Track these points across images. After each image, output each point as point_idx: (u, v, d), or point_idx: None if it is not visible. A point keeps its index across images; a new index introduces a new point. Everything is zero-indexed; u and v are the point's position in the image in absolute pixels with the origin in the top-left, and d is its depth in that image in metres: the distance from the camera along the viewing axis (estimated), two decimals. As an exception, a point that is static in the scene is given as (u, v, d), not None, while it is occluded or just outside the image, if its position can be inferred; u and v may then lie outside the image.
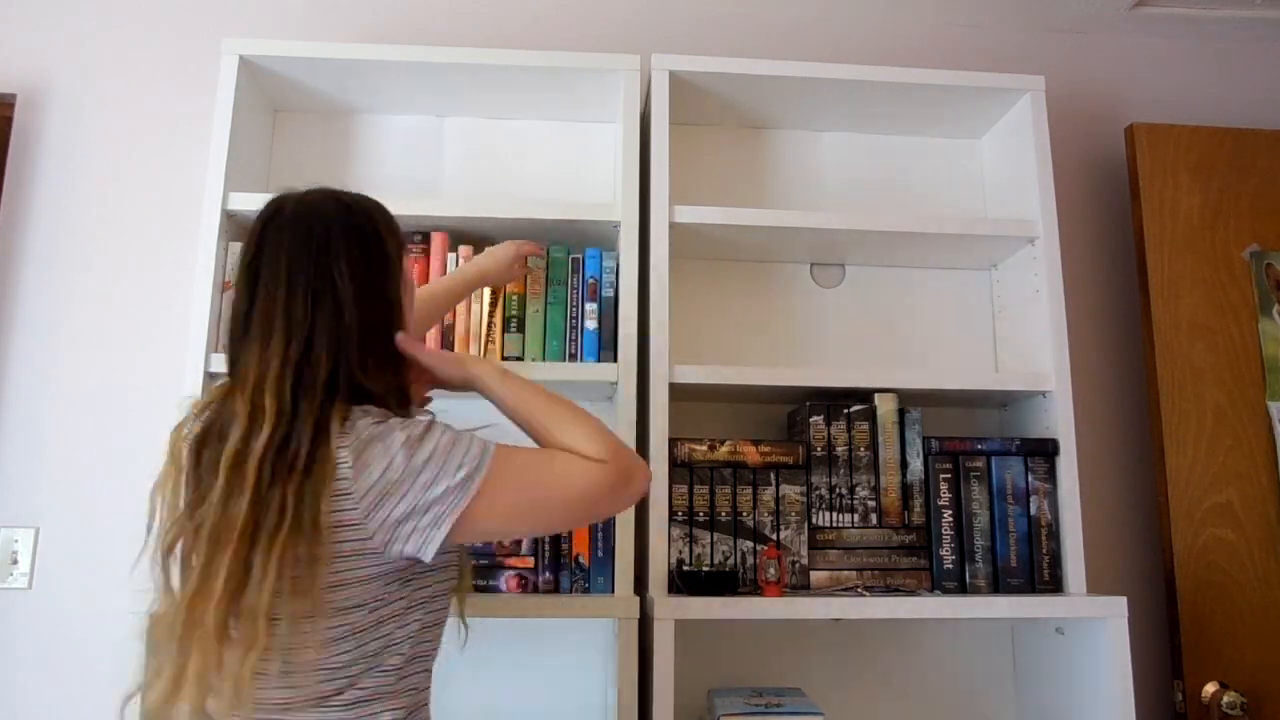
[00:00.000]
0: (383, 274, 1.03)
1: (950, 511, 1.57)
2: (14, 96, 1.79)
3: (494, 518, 0.95)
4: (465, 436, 0.96)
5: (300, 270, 0.98)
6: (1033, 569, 1.55)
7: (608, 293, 1.60)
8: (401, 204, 1.59)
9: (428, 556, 0.92)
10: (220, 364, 1.49)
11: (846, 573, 1.55)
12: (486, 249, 1.53)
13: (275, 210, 1.03)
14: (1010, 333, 1.78)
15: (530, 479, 0.97)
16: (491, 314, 1.58)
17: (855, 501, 1.57)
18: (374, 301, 1.00)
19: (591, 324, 1.58)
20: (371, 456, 0.91)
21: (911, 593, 1.53)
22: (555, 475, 0.98)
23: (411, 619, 0.97)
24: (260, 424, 0.91)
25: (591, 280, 1.59)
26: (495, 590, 1.48)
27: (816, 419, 1.59)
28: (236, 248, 1.57)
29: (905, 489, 1.58)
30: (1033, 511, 1.57)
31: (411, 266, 1.16)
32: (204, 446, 0.97)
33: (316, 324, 0.96)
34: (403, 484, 0.91)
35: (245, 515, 0.87)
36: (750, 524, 1.55)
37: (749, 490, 1.55)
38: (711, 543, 1.54)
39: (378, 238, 1.05)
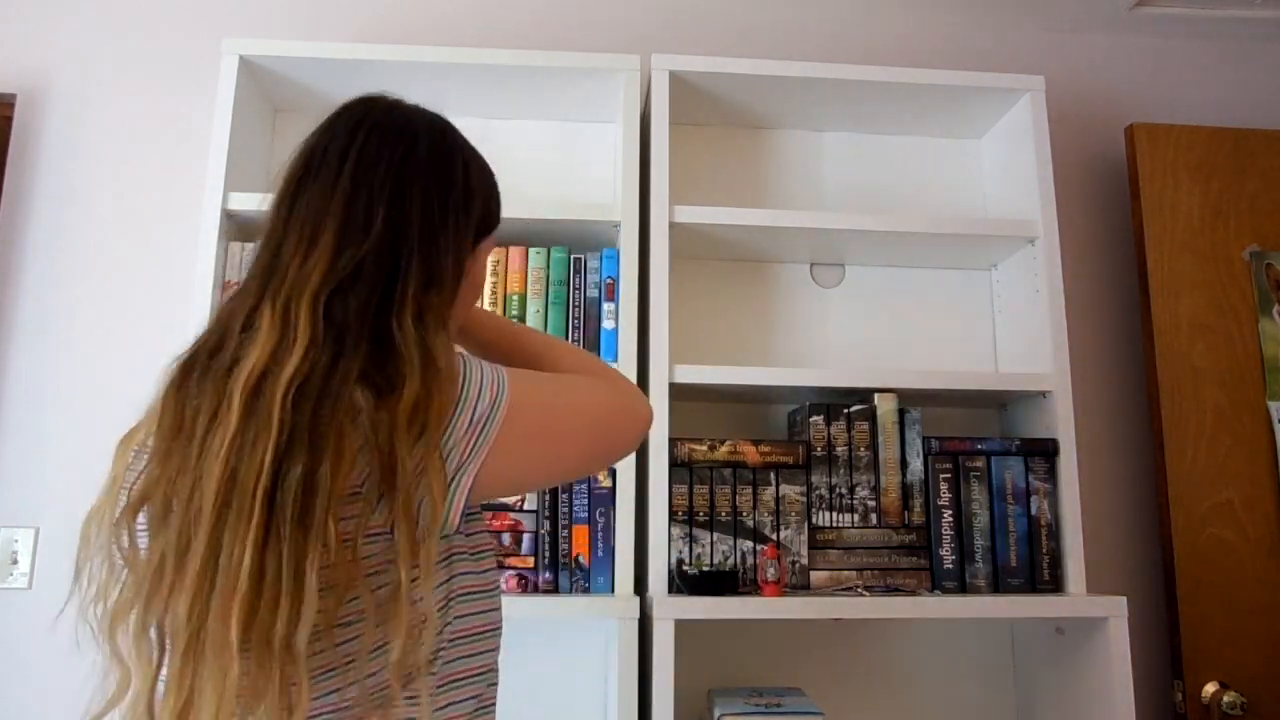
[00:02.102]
0: (454, 229, 0.85)
1: (950, 511, 1.57)
2: (14, 96, 1.79)
3: (514, 459, 0.78)
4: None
5: (373, 171, 0.82)
6: (1033, 569, 1.55)
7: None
8: (401, 204, 1.60)
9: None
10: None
11: (846, 573, 1.55)
12: None
13: (364, 103, 0.90)
14: (1010, 333, 1.78)
15: (547, 399, 0.82)
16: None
17: (855, 501, 1.57)
18: (437, 252, 0.82)
19: (609, 324, 1.58)
20: None
21: (911, 593, 1.53)
22: (571, 393, 0.85)
23: None
24: (289, 347, 0.72)
25: (609, 280, 1.59)
26: (495, 590, 1.47)
27: (816, 419, 1.59)
28: (236, 248, 1.58)
29: (905, 489, 1.58)
30: (1033, 511, 1.57)
31: (484, 269, 0.99)
32: (192, 368, 0.78)
33: (375, 241, 0.78)
34: None
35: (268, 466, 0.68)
36: (750, 524, 1.55)
37: (749, 490, 1.55)
38: (711, 543, 1.54)
39: (468, 189, 0.88)
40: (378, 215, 0.79)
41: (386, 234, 0.79)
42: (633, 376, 1.54)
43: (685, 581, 1.46)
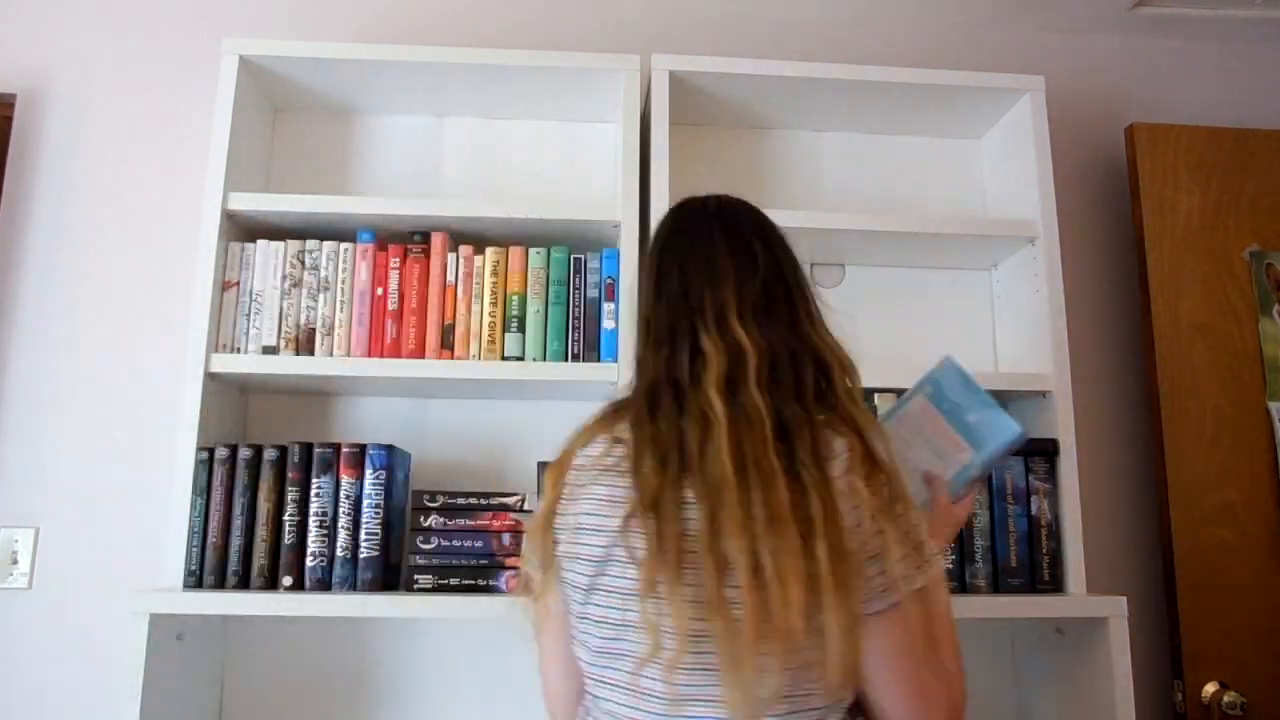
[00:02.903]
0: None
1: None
2: (14, 96, 1.79)
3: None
4: None
5: (743, 240, 0.99)
6: (1033, 569, 1.55)
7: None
8: (401, 204, 1.60)
9: None
10: (219, 364, 1.50)
11: (846, 573, 1.54)
12: None
13: (696, 201, 1.06)
14: (1010, 333, 1.77)
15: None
16: (492, 314, 1.58)
17: (855, 501, 1.57)
18: (801, 274, 1.01)
19: (610, 324, 1.58)
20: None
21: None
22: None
23: None
24: (739, 355, 0.90)
25: (609, 280, 1.59)
26: (495, 590, 1.48)
27: (816, 419, 1.59)
28: (237, 247, 1.58)
29: (905, 489, 1.58)
30: (1033, 511, 1.57)
31: None
32: (657, 401, 0.92)
33: (765, 271, 0.97)
34: None
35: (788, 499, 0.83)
36: (750, 524, 1.54)
37: (749, 490, 1.55)
38: (711, 543, 1.53)
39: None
40: (759, 253, 0.98)
41: (772, 266, 0.98)
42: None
43: (685, 581, 1.46)
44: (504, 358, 1.57)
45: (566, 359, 1.57)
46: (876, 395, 1.59)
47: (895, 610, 0.86)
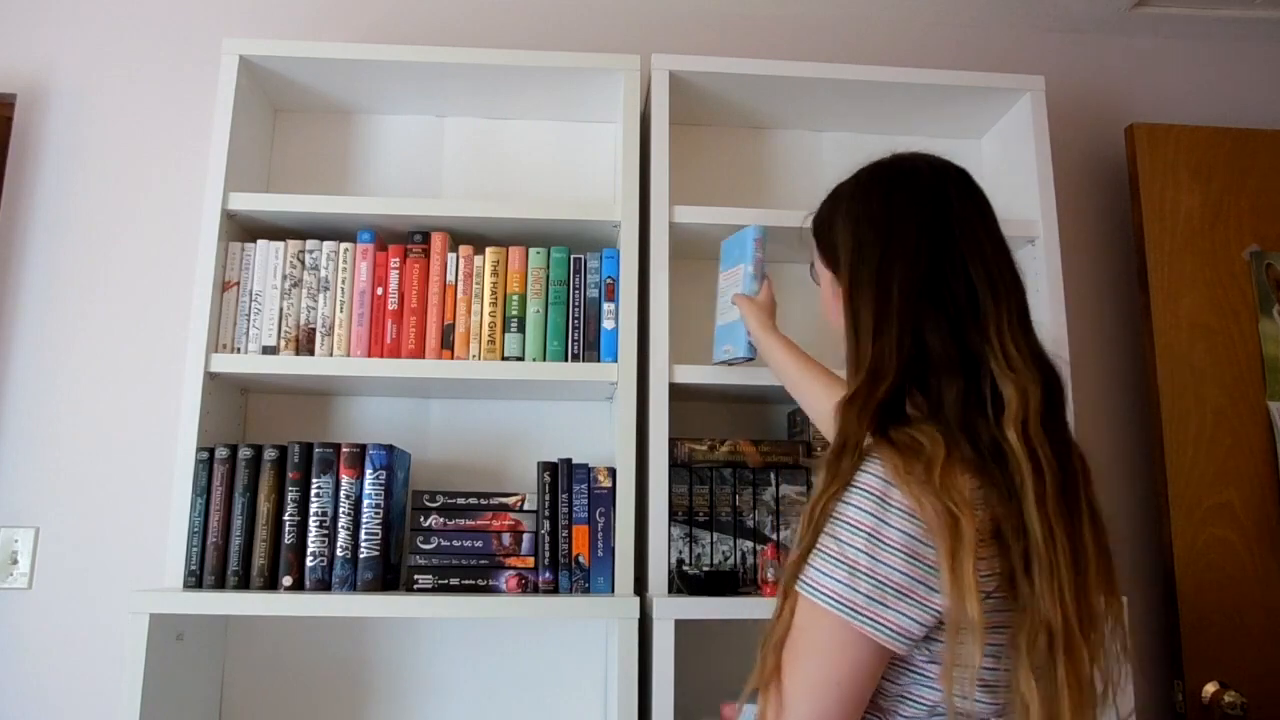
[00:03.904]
0: None
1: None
2: (14, 96, 1.79)
3: None
4: None
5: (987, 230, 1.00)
6: (1033, 569, 1.55)
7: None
8: (401, 204, 1.60)
9: None
10: (219, 364, 1.50)
11: (846, 573, 1.54)
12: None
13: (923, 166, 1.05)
14: (1010, 333, 1.77)
15: None
16: (492, 314, 1.58)
17: (855, 501, 1.57)
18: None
19: (610, 324, 1.58)
20: None
21: (911, 593, 1.52)
22: None
23: None
24: (1030, 374, 0.87)
25: (609, 280, 1.59)
26: (495, 590, 1.48)
27: (816, 419, 1.59)
28: (237, 247, 1.58)
29: (905, 489, 1.58)
30: (1033, 511, 1.57)
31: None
32: (971, 421, 0.84)
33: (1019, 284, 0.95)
34: None
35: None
36: (750, 524, 1.55)
37: (749, 490, 1.55)
38: (711, 543, 1.54)
39: None
40: (1012, 263, 0.96)
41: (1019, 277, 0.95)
42: (633, 376, 1.54)
43: (685, 581, 1.46)
44: (504, 358, 1.57)
45: (566, 359, 1.57)
46: (876, 395, 1.59)
47: None
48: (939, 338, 0.87)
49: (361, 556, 1.46)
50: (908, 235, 0.95)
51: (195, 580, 1.44)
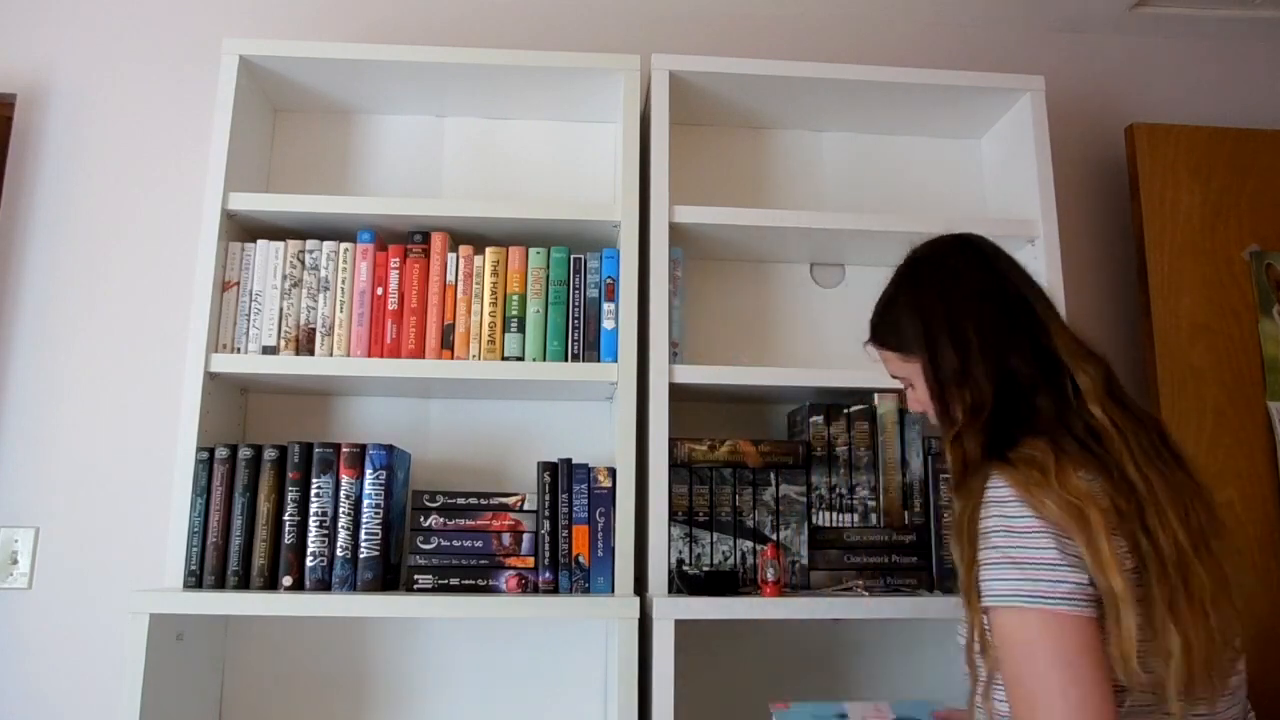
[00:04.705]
0: None
1: (951, 512, 1.57)
2: (14, 96, 1.79)
3: None
4: None
5: None
6: (1033, 569, 1.55)
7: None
8: (401, 204, 1.60)
9: None
10: (219, 364, 1.50)
11: (846, 573, 1.55)
12: None
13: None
14: (1010, 333, 1.77)
15: None
16: (492, 314, 1.58)
17: (855, 501, 1.57)
18: None
19: (610, 324, 1.58)
20: None
21: (912, 592, 1.53)
22: None
23: None
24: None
25: (609, 280, 1.59)
26: (495, 590, 1.48)
27: (816, 419, 1.59)
28: (237, 247, 1.58)
29: (905, 489, 1.58)
30: (1033, 511, 1.57)
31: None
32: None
33: None
34: None
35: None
36: (750, 524, 1.55)
37: (749, 490, 1.55)
38: (711, 543, 1.54)
39: None
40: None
41: None
42: (633, 376, 1.54)
43: (685, 581, 1.46)
44: (504, 358, 1.57)
45: (566, 359, 1.57)
46: (877, 395, 1.59)
47: None
48: (1020, 358, 1.00)
49: (361, 556, 1.46)
50: (961, 290, 1.07)
51: (195, 580, 1.44)
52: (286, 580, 1.44)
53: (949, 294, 1.08)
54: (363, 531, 1.47)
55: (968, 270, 1.09)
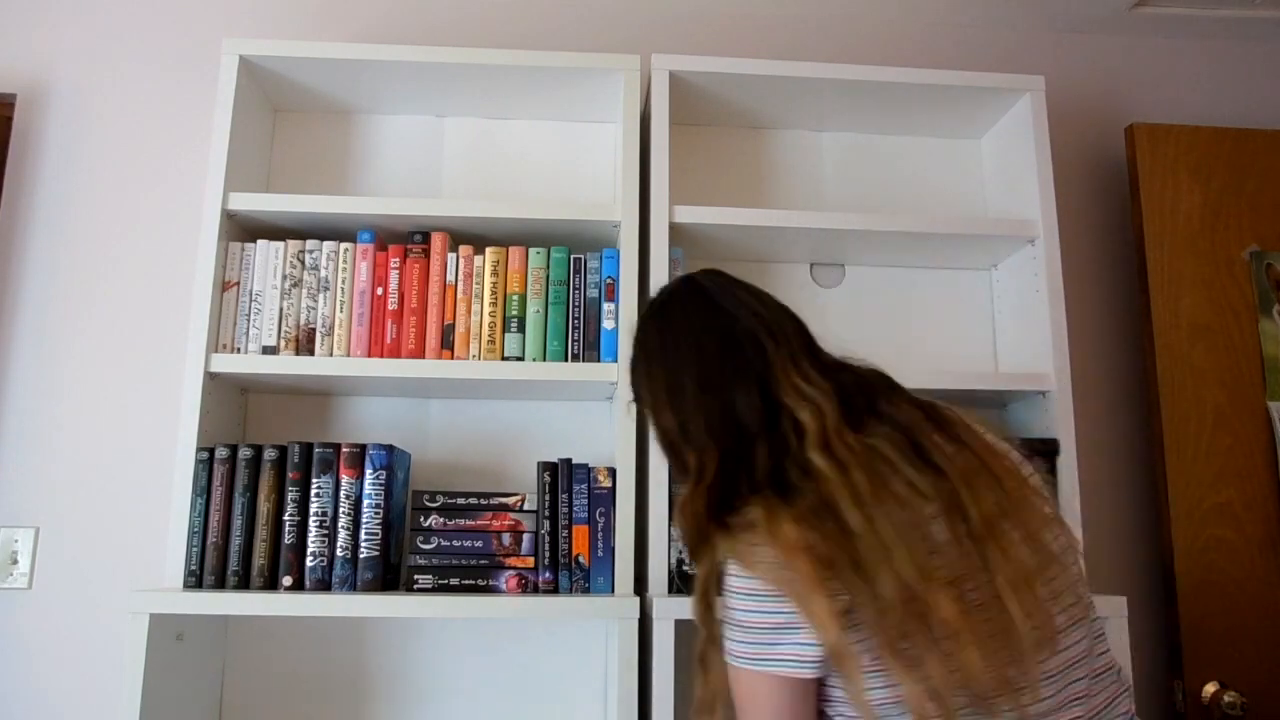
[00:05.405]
0: None
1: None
2: (14, 96, 1.79)
3: None
4: None
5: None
6: (1033, 569, 1.55)
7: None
8: (401, 204, 1.60)
9: None
10: (219, 364, 1.51)
11: (846, 573, 1.54)
12: None
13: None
14: (1010, 333, 1.77)
15: None
16: (492, 314, 1.58)
17: (855, 501, 1.56)
18: None
19: (610, 324, 1.58)
20: None
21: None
22: None
23: None
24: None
25: (609, 280, 1.59)
26: (495, 590, 1.48)
27: (816, 419, 1.59)
28: (237, 247, 1.58)
29: (905, 489, 1.57)
30: (1033, 511, 1.57)
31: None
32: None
33: None
34: None
35: None
36: (750, 524, 1.54)
37: (749, 490, 1.55)
38: (711, 543, 1.53)
39: None
40: (782, 306, 1.12)
41: None
42: (633, 376, 1.53)
43: (685, 582, 1.46)
44: (504, 358, 1.57)
45: (566, 359, 1.57)
46: (876, 395, 1.59)
47: None
48: (746, 403, 0.95)
49: (361, 556, 1.46)
50: (677, 340, 1.02)
51: (195, 580, 1.44)
52: (286, 580, 1.44)
53: (666, 346, 1.03)
54: (363, 531, 1.47)
55: (684, 317, 1.04)
